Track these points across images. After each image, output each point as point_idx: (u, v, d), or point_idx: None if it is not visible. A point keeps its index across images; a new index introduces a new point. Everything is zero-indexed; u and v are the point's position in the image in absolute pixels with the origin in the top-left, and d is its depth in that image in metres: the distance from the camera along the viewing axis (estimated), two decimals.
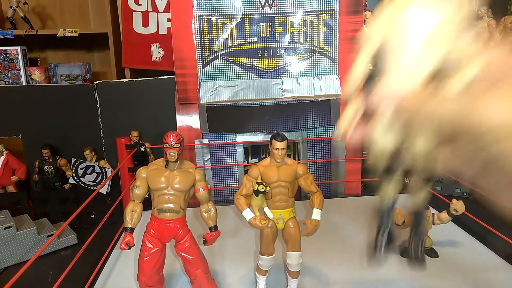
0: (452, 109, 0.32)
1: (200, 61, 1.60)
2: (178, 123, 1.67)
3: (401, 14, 0.37)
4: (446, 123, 0.34)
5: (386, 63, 0.39)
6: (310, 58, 1.61)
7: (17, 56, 1.77)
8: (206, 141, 1.67)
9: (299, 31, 1.58)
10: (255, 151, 1.90)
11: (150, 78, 1.69)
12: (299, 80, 1.63)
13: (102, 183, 1.59)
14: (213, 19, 1.56)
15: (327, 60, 1.61)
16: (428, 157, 0.40)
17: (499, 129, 0.29)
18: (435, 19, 0.35)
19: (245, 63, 1.61)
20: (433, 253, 1.16)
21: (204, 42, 1.58)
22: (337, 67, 1.61)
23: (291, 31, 1.58)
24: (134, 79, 1.72)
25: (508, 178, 0.31)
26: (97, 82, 1.69)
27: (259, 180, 0.92)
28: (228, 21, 1.57)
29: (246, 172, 1.14)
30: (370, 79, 0.40)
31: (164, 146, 0.89)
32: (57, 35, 1.86)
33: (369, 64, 0.39)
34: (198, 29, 1.57)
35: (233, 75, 1.62)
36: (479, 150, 0.31)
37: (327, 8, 1.56)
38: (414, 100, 0.35)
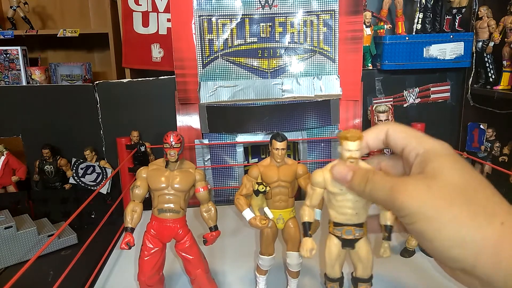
0: (381, 191, 0.42)
1: (200, 61, 1.60)
2: (178, 123, 1.68)
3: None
4: (379, 202, 0.44)
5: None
6: (310, 58, 1.61)
7: (17, 56, 1.77)
8: (206, 141, 1.67)
9: (299, 31, 1.58)
10: (255, 151, 1.90)
11: (150, 78, 1.69)
12: (299, 80, 1.63)
13: (102, 183, 1.59)
14: (213, 19, 1.56)
15: (327, 60, 1.61)
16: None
17: (413, 215, 0.38)
18: None
19: (245, 63, 1.61)
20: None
21: (204, 42, 1.58)
22: (337, 67, 1.62)
23: (291, 31, 1.58)
24: (134, 79, 1.72)
25: (430, 251, 0.39)
26: (97, 82, 1.69)
27: (259, 180, 0.92)
28: (228, 21, 1.57)
29: (246, 172, 1.14)
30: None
31: (164, 146, 0.89)
32: (57, 35, 1.86)
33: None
34: (198, 29, 1.57)
35: (233, 75, 1.62)
36: (406, 225, 0.40)
37: (327, 8, 1.56)
38: (355, 183, 0.46)
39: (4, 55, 1.76)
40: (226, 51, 1.60)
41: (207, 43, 1.59)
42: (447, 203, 0.36)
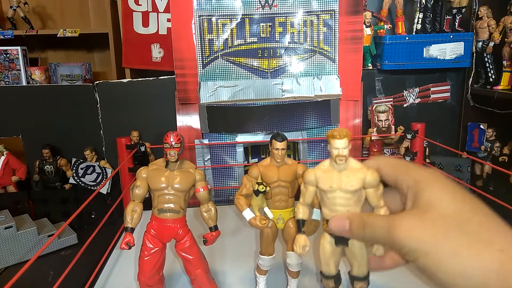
0: (380, 233, 0.42)
1: (200, 61, 1.60)
2: (178, 123, 1.68)
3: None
4: (380, 242, 0.46)
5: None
6: (310, 58, 1.61)
7: (17, 56, 1.77)
8: (206, 141, 1.67)
9: (299, 31, 1.58)
10: (255, 151, 1.90)
11: (150, 78, 1.69)
12: (299, 80, 1.63)
13: (102, 183, 1.59)
14: (213, 19, 1.56)
15: (327, 60, 1.61)
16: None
17: (413, 252, 0.38)
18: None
19: (245, 63, 1.61)
20: None
21: (204, 42, 1.58)
22: (337, 67, 1.62)
23: (291, 31, 1.58)
24: (134, 79, 1.72)
25: (437, 284, 0.38)
26: (97, 82, 1.69)
27: (259, 180, 0.92)
28: (228, 21, 1.57)
29: (246, 172, 1.14)
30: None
31: (164, 146, 0.89)
32: (57, 35, 1.86)
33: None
34: (198, 29, 1.57)
35: (233, 75, 1.62)
36: (411, 262, 0.39)
37: (327, 8, 1.56)
38: (353, 227, 0.47)
39: (4, 55, 1.76)
40: (226, 51, 1.60)
41: (207, 43, 1.59)
42: (443, 236, 0.37)
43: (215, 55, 1.60)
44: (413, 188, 0.42)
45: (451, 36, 1.58)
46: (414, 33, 1.63)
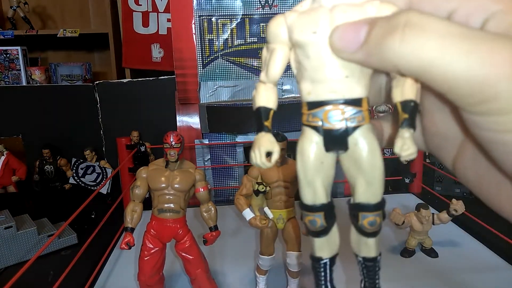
0: (447, 58, 0.18)
1: (200, 61, 1.60)
2: (178, 123, 1.68)
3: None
4: (429, 78, 0.20)
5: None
6: None
7: (17, 56, 1.77)
8: (206, 141, 1.67)
9: None
10: None
11: (150, 78, 1.69)
12: None
13: (102, 183, 1.59)
14: (213, 19, 1.56)
15: None
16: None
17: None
18: None
19: (245, 63, 1.61)
20: (433, 253, 1.16)
21: (204, 42, 1.58)
22: None
23: None
24: (134, 79, 1.72)
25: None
26: (97, 82, 1.69)
27: (259, 180, 0.92)
28: (228, 21, 1.57)
29: (246, 172, 1.14)
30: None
31: (164, 146, 0.89)
32: (58, 36, 1.86)
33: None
34: (198, 29, 1.57)
35: (233, 75, 1.62)
36: (489, 131, 0.20)
37: None
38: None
39: (4, 55, 1.76)
40: (226, 51, 1.60)
41: (207, 43, 1.59)
42: None
43: (215, 55, 1.60)
44: (502, 20, 0.20)
45: None
46: None
